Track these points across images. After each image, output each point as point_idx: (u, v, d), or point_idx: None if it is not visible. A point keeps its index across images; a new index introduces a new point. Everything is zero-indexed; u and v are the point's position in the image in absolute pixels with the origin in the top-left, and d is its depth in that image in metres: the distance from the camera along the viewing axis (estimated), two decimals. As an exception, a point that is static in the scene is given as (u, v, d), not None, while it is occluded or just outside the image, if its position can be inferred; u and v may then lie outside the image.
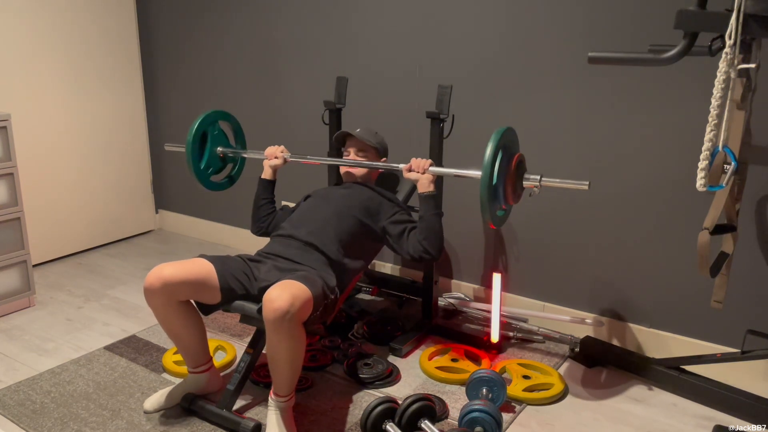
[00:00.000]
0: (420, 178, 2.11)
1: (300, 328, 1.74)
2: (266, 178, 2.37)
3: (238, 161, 2.58)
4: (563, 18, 2.33)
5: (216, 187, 2.54)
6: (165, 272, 1.82)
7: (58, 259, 3.38)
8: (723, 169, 1.63)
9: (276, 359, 1.77)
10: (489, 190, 1.81)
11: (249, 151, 2.51)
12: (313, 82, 3.05)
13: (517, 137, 1.97)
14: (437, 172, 2.11)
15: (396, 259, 3.02)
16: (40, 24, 3.10)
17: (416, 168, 2.11)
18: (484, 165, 1.80)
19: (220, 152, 2.49)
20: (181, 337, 1.95)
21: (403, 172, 2.14)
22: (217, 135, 2.48)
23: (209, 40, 3.38)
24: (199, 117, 2.40)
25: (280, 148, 2.37)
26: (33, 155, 3.15)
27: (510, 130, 1.91)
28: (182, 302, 1.90)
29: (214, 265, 1.92)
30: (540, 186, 1.91)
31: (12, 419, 1.96)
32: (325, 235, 2.11)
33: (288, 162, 2.37)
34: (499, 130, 1.85)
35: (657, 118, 2.21)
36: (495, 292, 2.38)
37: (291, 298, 1.68)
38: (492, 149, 1.81)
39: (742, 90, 1.60)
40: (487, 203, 1.82)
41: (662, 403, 2.09)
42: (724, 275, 1.88)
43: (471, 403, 1.86)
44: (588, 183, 1.82)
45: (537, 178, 1.91)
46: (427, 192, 2.10)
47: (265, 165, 2.38)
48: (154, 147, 3.78)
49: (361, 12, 2.82)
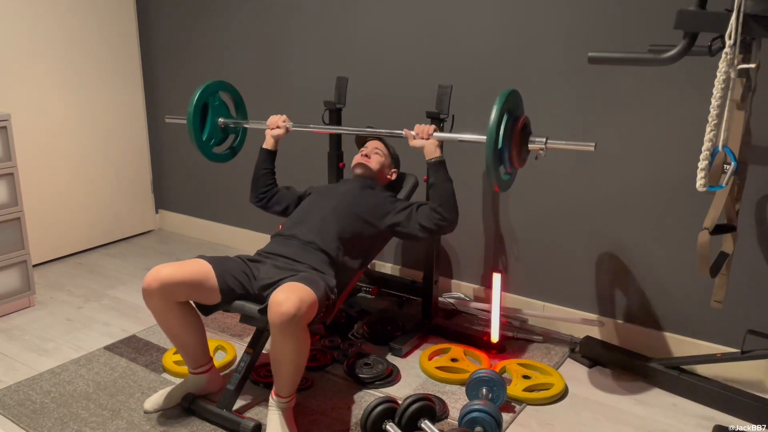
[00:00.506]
0: (425, 144, 2.09)
1: (305, 331, 1.75)
2: (267, 148, 2.38)
3: (239, 132, 2.59)
4: (563, 18, 2.33)
5: (218, 159, 2.56)
6: (163, 273, 1.82)
7: (58, 259, 3.38)
8: (723, 169, 1.63)
9: (280, 361, 1.77)
10: (494, 152, 1.80)
11: (251, 121, 2.52)
12: (313, 82, 3.05)
13: (521, 100, 1.95)
14: (442, 137, 2.09)
15: (396, 258, 3.02)
16: (40, 24, 3.10)
17: (420, 134, 2.10)
18: (489, 127, 1.79)
19: (222, 123, 2.50)
20: (180, 338, 1.94)
21: (408, 139, 2.12)
22: (218, 106, 2.49)
23: (209, 39, 3.38)
24: (199, 88, 2.40)
25: (282, 117, 2.38)
26: (33, 155, 3.15)
27: (514, 93, 1.90)
28: (181, 303, 1.89)
29: (213, 266, 1.92)
30: (546, 149, 1.89)
31: (12, 419, 1.96)
32: (326, 233, 2.10)
33: (290, 131, 2.37)
34: (503, 92, 1.84)
35: (657, 119, 2.21)
36: (495, 292, 2.38)
37: (299, 302, 1.68)
38: (497, 111, 1.79)
39: (742, 90, 1.60)
40: (492, 166, 1.81)
41: (662, 403, 2.09)
42: (724, 275, 1.88)
43: (471, 403, 1.86)
44: (594, 144, 1.80)
45: (543, 140, 1.89)
46: (435, 158, 2.08)
47: (267, 134, 2.39)
48: (154, 147, 3.78)
49: (361, 12, 2.82)
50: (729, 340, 2.20)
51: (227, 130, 2.54)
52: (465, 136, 2.04)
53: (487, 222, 2.68)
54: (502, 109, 1.81)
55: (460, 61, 2.59)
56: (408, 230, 2.15)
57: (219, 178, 3.57)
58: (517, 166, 1.94)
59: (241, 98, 2.59)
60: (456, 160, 2.38)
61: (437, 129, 2.11)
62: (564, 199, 2.46)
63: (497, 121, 1.80)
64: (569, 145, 1.87)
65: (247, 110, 2.61)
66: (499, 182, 1.89)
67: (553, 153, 2.44)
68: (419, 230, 2.12)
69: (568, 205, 2.46)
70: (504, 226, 2.64)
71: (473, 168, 2.64)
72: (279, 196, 2.40)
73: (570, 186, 2.44)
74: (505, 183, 1.96)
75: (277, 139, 2.37)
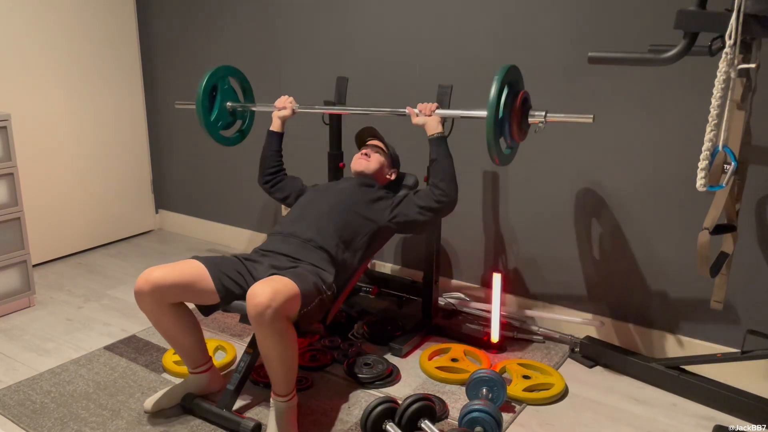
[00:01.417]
0: (428, 120, 2.14)
1: (285, 324, 1.71)
2: (274, 129, 2.45)
3: (247, 116, 2.69)
4: (563, 18, 2.33)
5: (226, 142, 2.65)
6: (153, 275, 1.81)
7: (58, 259, 3.38)
8: (723, 169, 1.63)
9: (266, 357, 1.76)
10: (495, 123, 1.86)
11: (258, 104, 2.60)
12: (313, 82, 3.05)
13: (521, 76, 2.01)
14: (444, 114, 2.14)
15: (396, 258, 3.02)
16: (40, 24, 3.10)
17: (423, 111, 2.14)
18: (490, 99, 1.86)
19: (230, 107, 2.60)
20: (176, 338, 1.94)
21: (411, 116, 2.17)
22: (227, 90, 2.58)
23: (209, 40, 3.38)
24: (208, 71, 2.50)
25: (290, 99, 2.45)
26: (33, 155, 3.15)
27: (514, 68, 1.96)
28: (174, 304, 1.88)
29: (207, 267, 1.91)
30: (545, 121, 1.94)
31: (12, 419, 1.96)
32: (325, 230, 2.10)
33: (296, 113, 2.45)
34: (504, 66, 1.90)
35: (657, 119, 2.21)
36: (495, 292, 2.38)
37: (272, 293, 1.66)
38: (498, 83, 1.87)
39: (742, 90, 1.60)
40: (493, 138, 1.87)
41: (662, 403, 2.09)
42: (724, 275, 1.88)
43: (471, 403, 1.86)
44: (593, 116, 1.85)
45: (542, 114, 1.95)
46: (437, 134, 2.12)
47: (273, 117, 2.46)
48: (154, 147, 3.78)
49: (361, 12, 2.82)
50: (729, 340, 2.20)
51: (235, 114, 2.63)
52: (467, 112, 2.09)
53: (487, 222, 2.68)
54: (502, 81, 1.88)
55: (461, 62, 2.59)
56: (407, 217, 2.17)
57: (219, 178, 3.57)
58: (517, 140, 2.00)
59: (249, 85, 2.69)
60: (457, 161, 2.38)
61: (440, 106, 2.15)
62: (564, 199, 2.46)
63: (498, 92, 1.87)
64: (568, 117, 1.92)
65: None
66: (499, 155, 1.94)
67: (554, 153, 2.45)
68: (418, 212, 2.13)
69: (568, 205, 2.46)
70: (504, 226, 2.64)
71: (473, 167, 2.64)
72: (283, 184, 2.46)
73: (570, 186, 2.44)
74: (505, 157, 2.01)
75: (283, 120, 2.45)
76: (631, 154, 2.29)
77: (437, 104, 2.14)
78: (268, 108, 2.48)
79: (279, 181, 2.46)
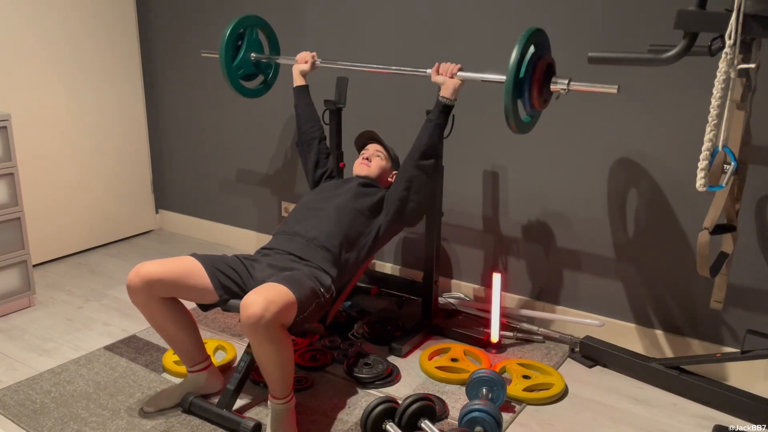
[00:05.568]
0: (447, 81, 2.10)
1: (280, 332, 1.71)
2: (297, 84, 2.50)
3: (271, 69, 2.72)
4: (563, 18, 2.33)
5: (247, 92, 2.67)
6: (144, 270, 1.83)
7: (58, 259, 3.38)
8: (723, 169, 1.63)
9: (262, 363, 1.76)
10: (514, 82, 1.78)
11: (281, 57, 2.64)
12: (313, 82, 3.04)
13: (548, 42, 1.92)
14: (466, 77, 2.09)
15: (396, 258, 3.02)
16: (40, 23, 3.10)
17: (444, 71, 2.11)
18: (513, 57, 1.79)
19: (254, 58, 2.62)
20: (171, 335, 1.94)
21: (431, 75, 2.15)
22: (254, 41, 2.61)
23: (210, 39, 3.38)
24: (238, 16, 2.53)
25: (312, 54, 2.48)
26: (33, 155, 3.15)
27: (541, 31, 1.88)
28: (166, 299, 1.89)
29: (204, 265, 1.91)
30: (568, 89, 1.86)
31: (12, 419, 1.96)
32: (328, 230, 2.10)
33: (317, 68, 2.48)
34: (530, 28, 1.83)
35: (657, 119, 2.21)
36: (495, 292, 2.38)
37: (265, 303, 1.65)
38: (522, 43, 1.79)
39: (742, 90, 1.60)
40: (510, 101, 1.79)
41: (662, 403, 2.09)
42: (724, 275, 1.88)
43: (471, 403, 1.86)
44: (617, 87, 1.77)
45: (565, 81, 1.87)
46: (447, 99, 2.10)
47: (294, 72, 2.49)
48: (154, 147, 3.78)
49: (361, 12, 2.82)
50: (729, 340, 2.20)
51: (258, 65, 2.65)
52: (488, 76, 2.03)
53: (487, 222, 2.68)
54: (527, 41, 1.80)
55: (460, 62, 2.58)
56: (395, 203, 2.19)
57: (219, 178, 3.57)
58: (537, 107, 1.91)
59: (276, 39, 2.71)
60: (457, 159, 2.38)
61: (462, 69, 2.11)
62: (564, 199, 2.46)
63: (521, 51, 1.79)
64: (592, 87, 1.83)
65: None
66: (516, 121, 1.85)
67: (554, 152, 2.45)
68: (402, 185, 2.16)
69: (567, 205, 2.46)
70: (504, 226, 2.64)
71: (474, 167, 2.64)
72: (315, 154, 2.46)
73: (570, 186, 2.44)
74: (523, 124, 1.92)
75: (303, 75, 2.49)
76: (631, 154, 2.29)
77: (460, 66, 2.10)
78: (292, 61, 2.52)
79: (314, 148, 2.46)
